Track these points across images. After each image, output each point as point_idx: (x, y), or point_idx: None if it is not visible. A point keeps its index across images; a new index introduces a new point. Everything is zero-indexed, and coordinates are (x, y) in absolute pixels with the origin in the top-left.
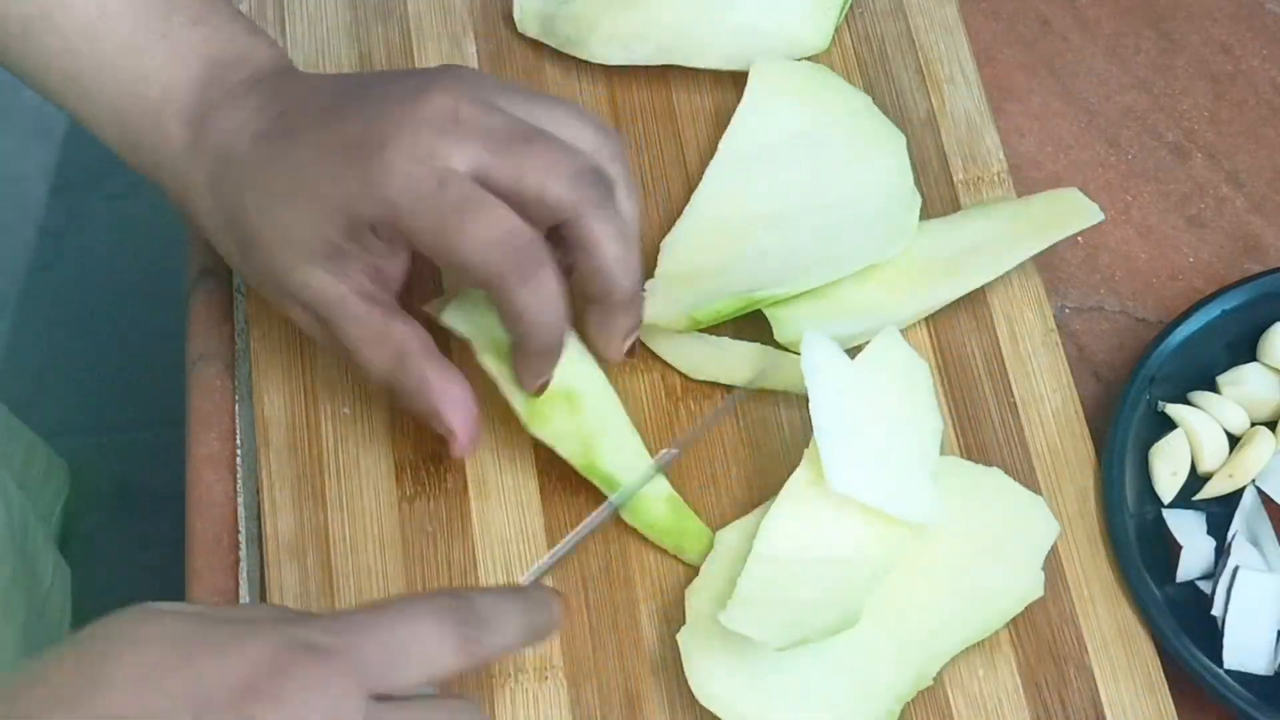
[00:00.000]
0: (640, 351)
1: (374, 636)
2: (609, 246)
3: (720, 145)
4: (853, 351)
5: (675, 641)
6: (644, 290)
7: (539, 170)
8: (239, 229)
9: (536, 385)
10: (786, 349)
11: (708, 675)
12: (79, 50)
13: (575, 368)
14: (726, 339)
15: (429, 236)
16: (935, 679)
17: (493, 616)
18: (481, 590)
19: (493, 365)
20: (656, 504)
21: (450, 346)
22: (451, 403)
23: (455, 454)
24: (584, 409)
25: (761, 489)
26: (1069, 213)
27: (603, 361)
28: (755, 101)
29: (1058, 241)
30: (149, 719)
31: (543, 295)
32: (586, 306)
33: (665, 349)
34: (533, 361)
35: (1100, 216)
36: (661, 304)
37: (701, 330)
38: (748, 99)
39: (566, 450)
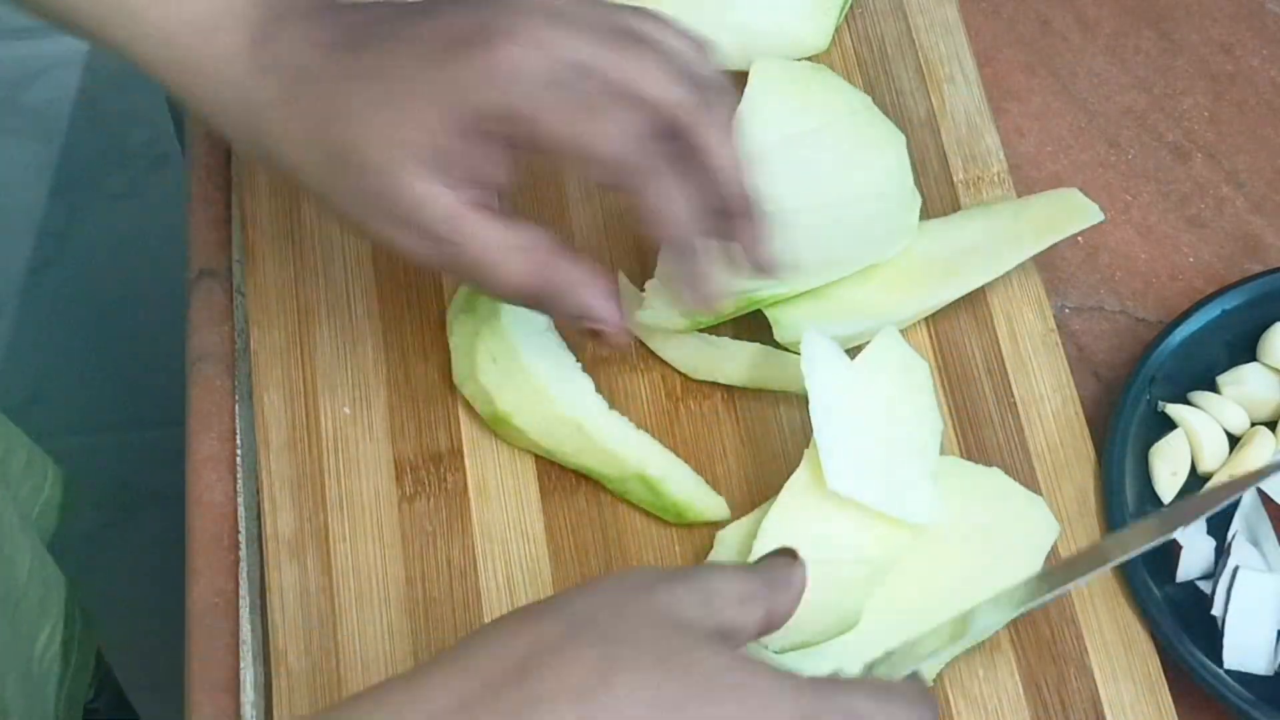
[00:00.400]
0: (640, 351)
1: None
2: (728, 148)
3: None
4: (853, 352)
5: None
6: (643, 293)
7: (653, 73)
8: (333, 145)
9: (711, 295)
10: (786, 349)
11: None
12: None
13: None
14: (726, 339)
15: (557, 130)
16: (935, 679)
17: (778, 583)
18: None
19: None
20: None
21: None
22: (600, 295)
23: (614, 343)
24: (660, 486)
25: (761, 489)
26: (1069, 213)
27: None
28: (755, 101)
29: (1058, 242)
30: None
31: (677, 189)
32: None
33: (665, 349)
34: (689, 261)
35: (1100, 216)
36: (661, 305)
37: (701, 330)
38: (747, 99)
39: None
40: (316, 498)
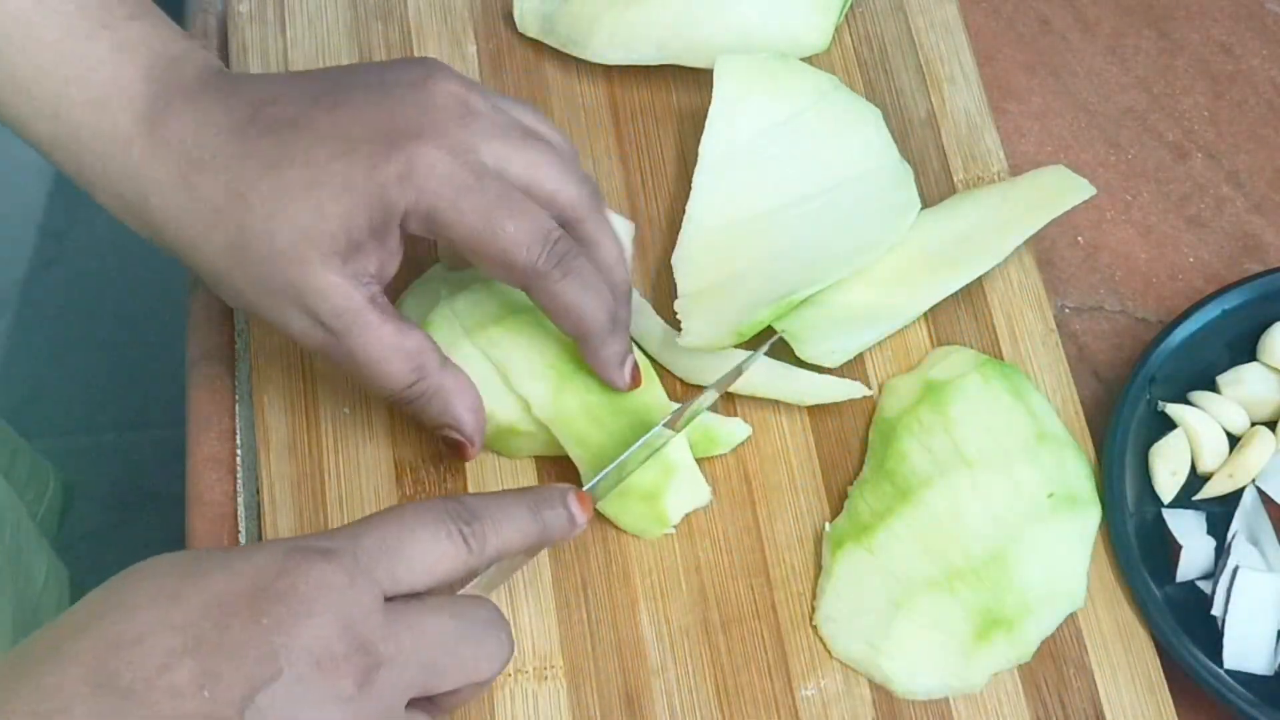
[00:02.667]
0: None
1: (371, 537)
2: (614, 242)
3: (700, 150)
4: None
5: (674, 641)
6: (676, 315)
7: (551, 170)
8: (235, 230)
9: (627, 375)
10: (809, 364)
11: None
12: (16, 42)
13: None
14: (731, 349)
15: (473, 233)
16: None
17: (491, 511)
18: (481, 494)
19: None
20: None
21: None
22: (470, 409)
23: (468, 458)
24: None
25: (761, 489)
26: (1059, 190)
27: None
28: (724, 101)
29: (1051, 220)
30: (169, 633)
31: (586, 281)
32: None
33: (662, 354)
34: (604, 348)
35: (1092, 191)
36: (700, 325)
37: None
38: (716, 100)
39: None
40: (316, 498)
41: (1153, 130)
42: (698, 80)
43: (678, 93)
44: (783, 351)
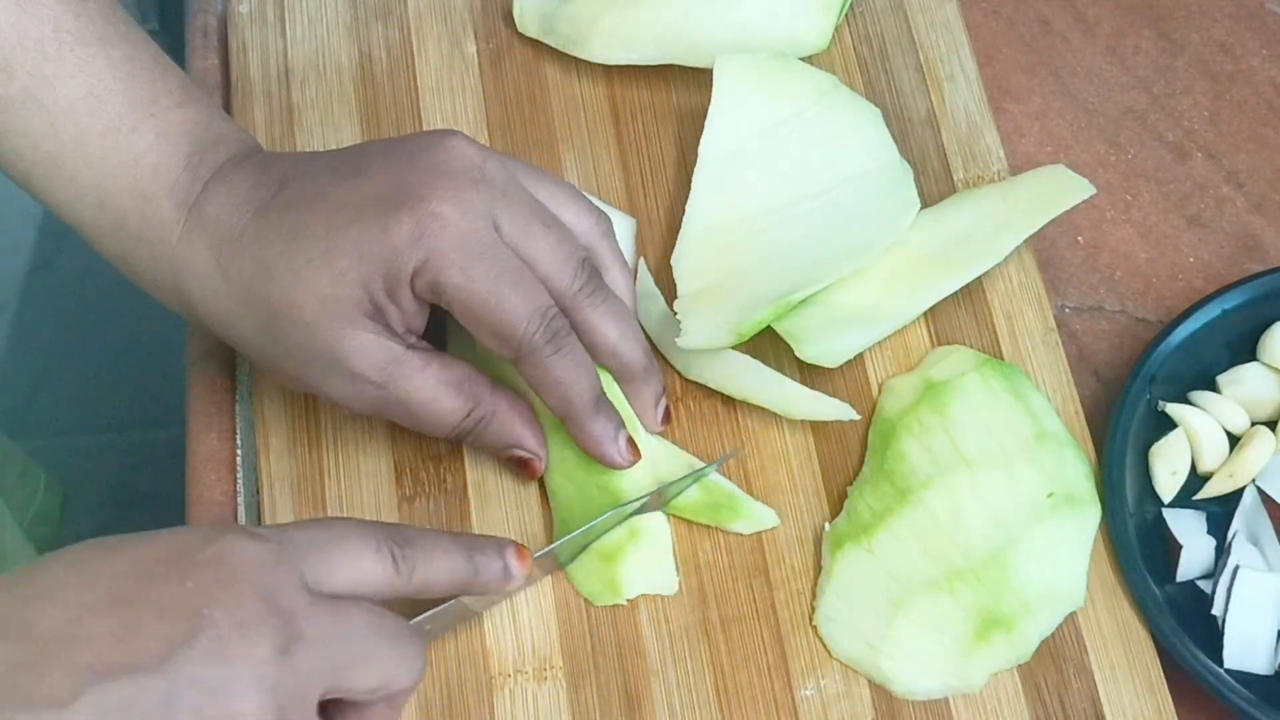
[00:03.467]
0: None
1: (302, 534)
2: (609, 329)
3: (700, 151)
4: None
5: (674, 641)
6: (675, 315)
7: (548, 255)
8: (266, 307)
9: (621, 449)
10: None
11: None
12: (64, 131)
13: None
14: (731, 351)
15: (475, 299)
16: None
17: (426, 543)
18: (420, 528)
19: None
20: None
21: None
22: (530, 426)
23: (538, 473)
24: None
25: (762, 490)
26: (1058, 190)
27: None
28: (724, 101)
29: (1051, 219)
30: (88, 589)
31: (576, 359)
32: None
33: (664, 344)
34: (590, 425)
35: (1092, 190)
36: (699, 326)
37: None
38: (716, 100)
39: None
40: (316, 498)
41: (1153, 130)
42: (697, 80)
43: (677, 92)
44: (782, 352)
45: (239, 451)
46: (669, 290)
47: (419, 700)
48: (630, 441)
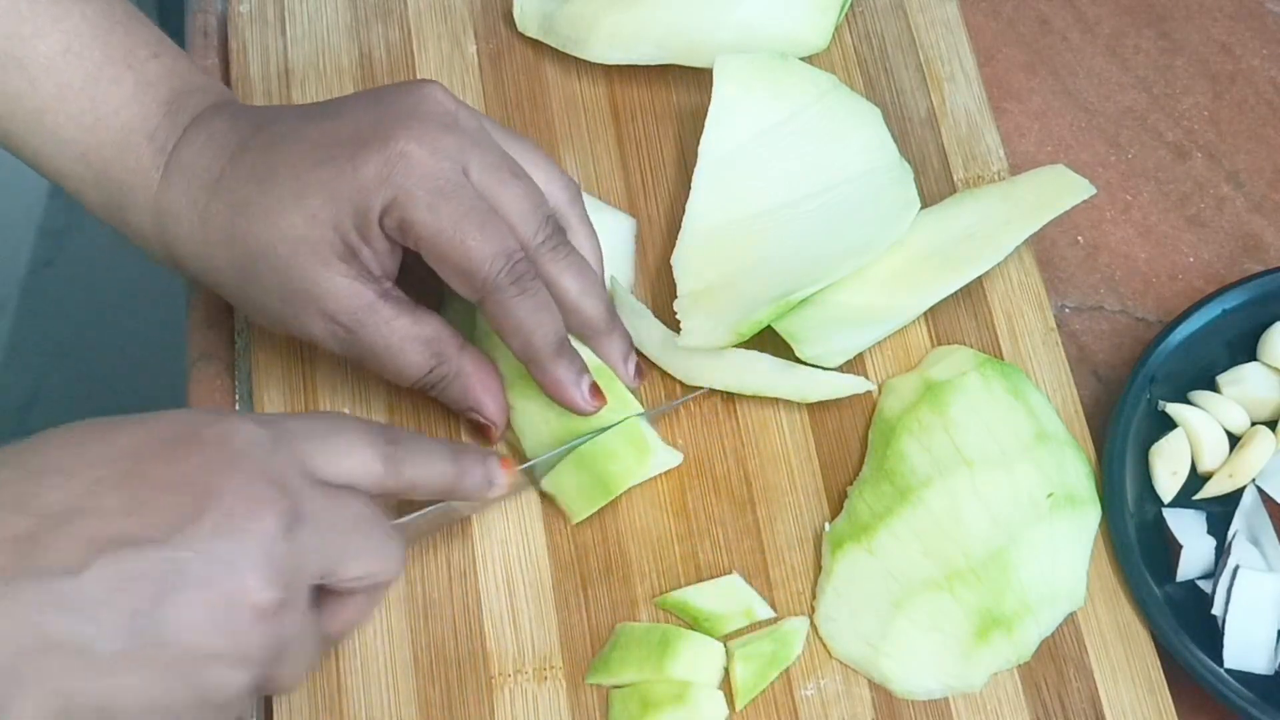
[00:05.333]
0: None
1: (299, 423)
2: (569, 284)
3: (700, 151)
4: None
5: None
6: (673, 311)
7: (515, 204)
8: (243, 247)
9: (585, 393)
10: (809, 364)
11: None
12: (44, 87)
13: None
14: (731, 349)
15: (440, 236)
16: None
17: (414, 444)
18: (410, 430)
19: None
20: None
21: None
22: (491, 392)
23: (493, 440)
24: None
25: (763, 489)
26: (1059, 189)
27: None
28: (724, 101)
29: (1052, 219)
30: (97, 465)
31: (540, 302)
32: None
33: (662, 356)
34: (552, 369)
35: (1092, 190)
36: (700, 325)
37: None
38: (716, 100)
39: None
40: None
41: (1153, 130)
42: (697, 80)
43: (677, 92)
44: (781, 352)
45: None
46: (669, 290)
47: (419, 701)
48: (594, 386)
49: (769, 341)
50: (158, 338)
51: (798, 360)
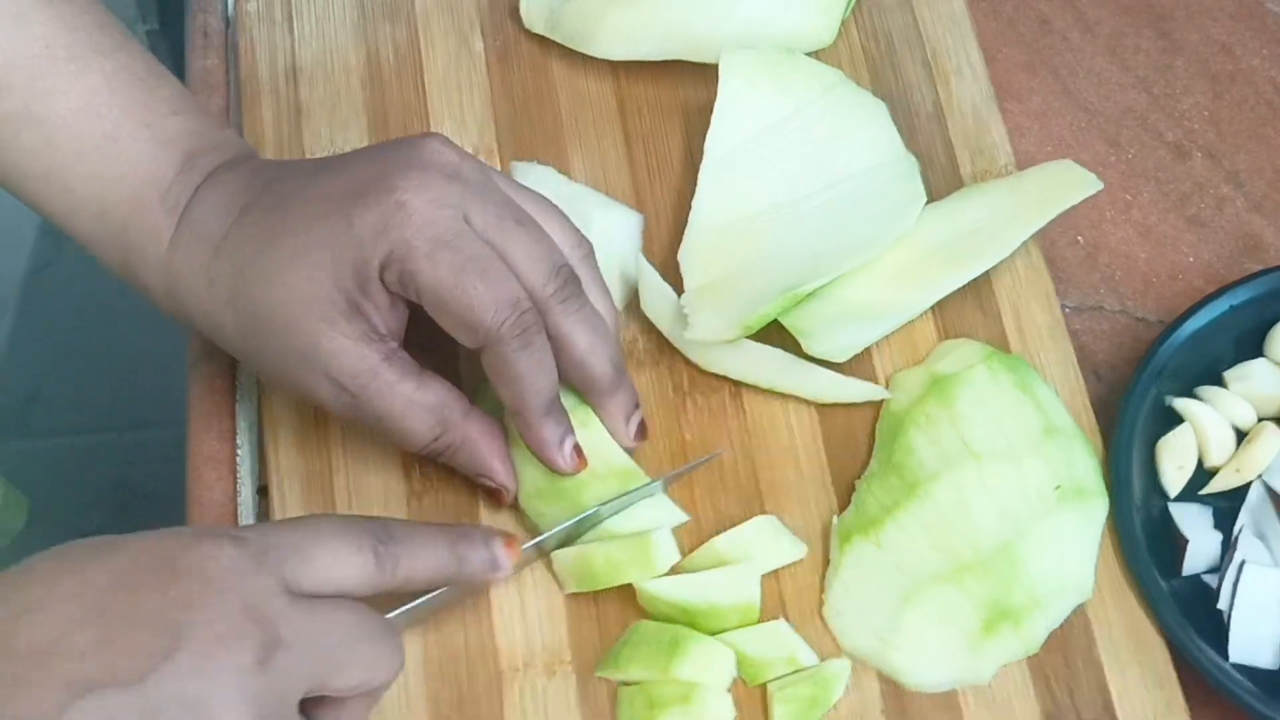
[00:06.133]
0: (647, 345)
1: (283, 535)
2: (579, 338)
3: (706, 146)
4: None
5: None
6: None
7: (522, 251)
8: (247, 307)
9: (567, 456)
10: (817, 360)
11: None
12: (61, 144)
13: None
14: (745, 339)
15: (441, 286)
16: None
17: (410, 537)
18: (407, 521)
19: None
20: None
21: None
22: (500, 457)
23: (505, 503)
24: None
25: (769, 485)
26: (1066, 184)
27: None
28: (730, 96)
29: (1059, 213)
30: (71, 602)
31: (541, 358)
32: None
33: (679, 339)
34: (539, 427)
35: (1099, 185)
36: (706, 319)
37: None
38: (722, 95)
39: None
40: (326, 494)
41: (1153, 130)
42: (704, 75)
43: (683, 88)
44: (789, 347)
45: (239, 451)
46: (676, 284)
47: (429, 696)
48: (577, 448)
49: (777, 337)
50: (158, 338)
51: (806, 356)
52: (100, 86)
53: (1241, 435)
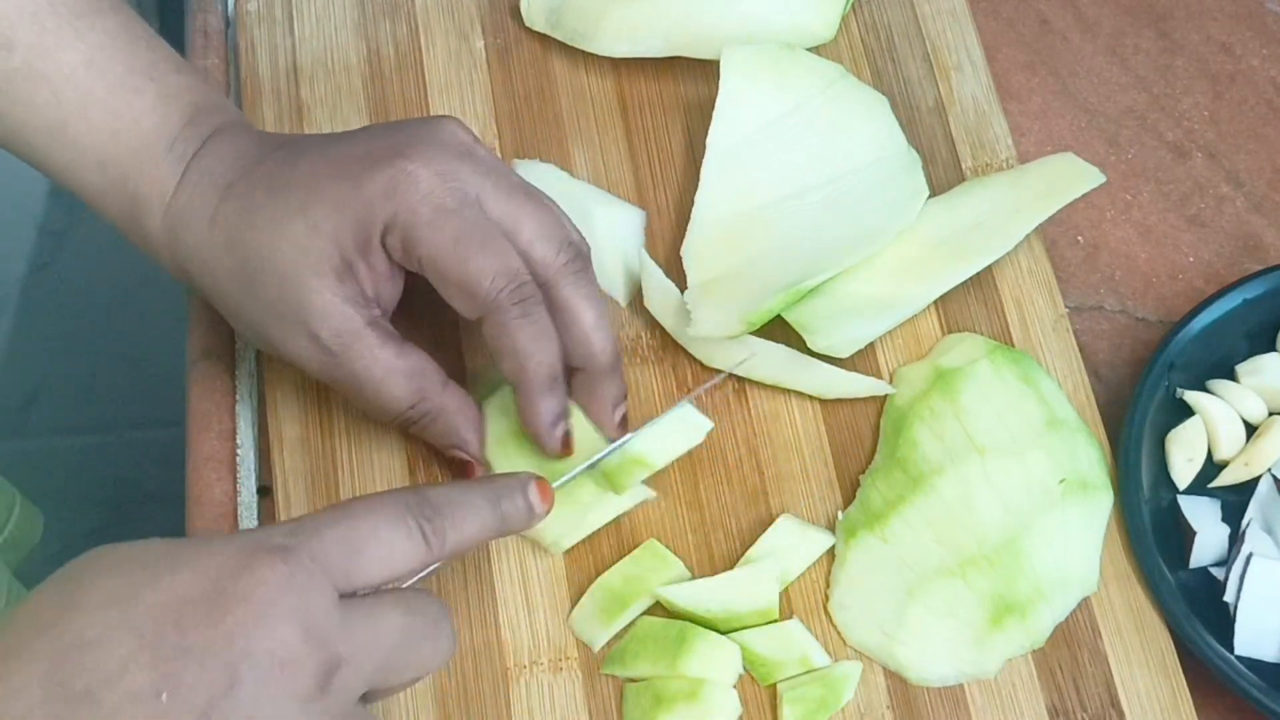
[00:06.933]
0: (651, 341)
1: (333, 533)
2: (587, 311)
3: (708, 142)
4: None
5: None
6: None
7: (533, 223)
8: (244, 252)
9: (557, 436)
10: (820, 355)
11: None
12: (66, 98)
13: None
14: (749, 336)
15: (441, 252)
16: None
17: (452, 507)
18: (442, 484)
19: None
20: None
21: None
22: (475, 429)
23: (473, 477)
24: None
25: (774, 481)
26: (1068, 177)
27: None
28: (731, 92)
29: (1061, 206)
30: (127, 635)
31: (541, 330)
32: (574, 381)
33: (682, 335)
34: (539, 402)
35: (1102, 179)
36: (709, 314)
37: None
38: (723, 91)
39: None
40: (330, 492)
41: (1153, 130)
42: (705, 71)
43: (685, 84)
44: (793, 342)
45: (239, 451)
46: (679, 280)
47: (435, 693)
48: (568, 434)
49: (781, 333)
50: (158, 338)
51: (809, 351)
52: (105, 43)
53: (1252, 429)
